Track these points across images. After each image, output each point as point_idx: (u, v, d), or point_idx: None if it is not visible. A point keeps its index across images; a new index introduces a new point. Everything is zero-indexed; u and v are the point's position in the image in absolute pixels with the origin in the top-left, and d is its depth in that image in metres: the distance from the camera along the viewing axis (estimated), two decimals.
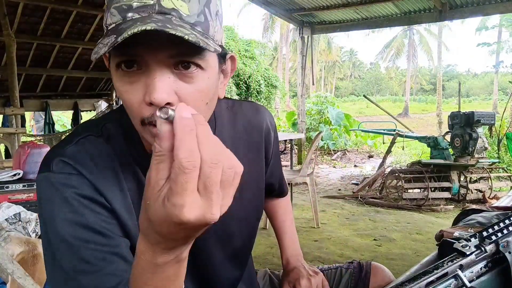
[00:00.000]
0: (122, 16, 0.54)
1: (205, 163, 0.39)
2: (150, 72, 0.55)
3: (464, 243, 0.54)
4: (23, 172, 2.55)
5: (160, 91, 0.53)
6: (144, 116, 0.56)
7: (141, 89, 0.56)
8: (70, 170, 0.61)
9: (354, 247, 3.19)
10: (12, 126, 5.26)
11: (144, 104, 0.56)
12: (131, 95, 0.56)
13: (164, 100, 0.53)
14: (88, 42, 6.71)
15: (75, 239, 0.58)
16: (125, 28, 0.51)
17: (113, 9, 0.55)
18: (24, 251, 1.60)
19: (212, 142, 0.40)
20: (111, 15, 0.55)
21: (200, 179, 0.39)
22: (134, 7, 0.54)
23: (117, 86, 0.58)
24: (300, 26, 7.57)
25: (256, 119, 0.85)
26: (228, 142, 0.78)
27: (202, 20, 0.57)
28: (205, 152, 0.39)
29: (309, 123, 10.21)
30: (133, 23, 0.51)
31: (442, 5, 5.97)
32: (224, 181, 0.40)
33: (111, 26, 0.55)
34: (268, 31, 33.73)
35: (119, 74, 0.57)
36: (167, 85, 0.54)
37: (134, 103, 0.57)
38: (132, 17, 0.54)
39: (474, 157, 4.80)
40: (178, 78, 0.56)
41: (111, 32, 0.53)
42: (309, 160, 3.75)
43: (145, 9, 0.54)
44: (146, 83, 0.55)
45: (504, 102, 18.83)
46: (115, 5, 0.55)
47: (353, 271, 0.99)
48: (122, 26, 0.52)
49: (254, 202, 0.85)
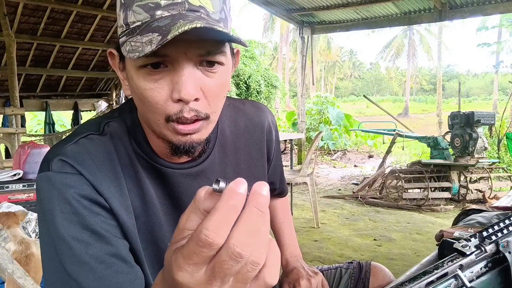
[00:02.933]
0: (150, 14, 0.54)
1: (226, 249, 0.30)
2: (178, 70, 0.55)
3: (464, 243, 0.54)
4: (23, 172, 2.55)
5: (189, 88, 0.55)
6: (170, 113, 0.57)
7: (167, 87, 0.57)
8: (70, 169, 0.60)
9: (354, 247, 3.19)
10: (12, 126, 5.26)
11: (170, 101, 0.57)
12: (156, 93, 0.57)
13: (193, 96, 0.56)
14: (88, 42, 6.72)
15: (73, 240, 0.57)
16: (166, 25, 0.51)
17: (137, 7, 0.55)
18: (17, 251, 1.60)
19: (252, 232, 0.30)
20: (134, 13, 0.55)
21: (212, 260, 0.31)
22: (163, 5, 0.54)
23: (139, 84, 0.58)
24: (300, 26, 7.57)
25: (258, 117, 0.85)
26: (229, 140, 0.78)
27: (224, 17, 0.59)
28: (235, 238, 0.30)
29: (309, 123, 10.21)
30: (174, 21, 0.51)
31: (442, 5, 5.97)
32: (239, 275, 0.31)
33: (135, 24, 0.55)
34: (268, 31, 33.72)
35: (142, 72, 0.57)
36: (194, 81, 0.56)
37: (160, 100, 0.57)
38: (162, 15, 0.54)
39: (474, 157, 4.80)
40: (202, 74, 0.58)
41: (143, 31, 0.53)
42: (309, 160, 3.75)
43: (174, 7, 0.54)
44: (173, 80, 0.56)
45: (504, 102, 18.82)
46: (138, 3, 0.55)
47: (353, 271, 0.99)
48: (158, 24, 0.52)
49: None
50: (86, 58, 7.17)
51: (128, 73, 0.60)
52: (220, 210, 0.31)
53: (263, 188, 0.31)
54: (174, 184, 0.70)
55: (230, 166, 0.78)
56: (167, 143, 0.63)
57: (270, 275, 0.31)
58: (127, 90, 0.64)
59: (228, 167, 0.78)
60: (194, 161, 0.71)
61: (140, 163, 0.67)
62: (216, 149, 0.75)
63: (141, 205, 0.67)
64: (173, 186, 0.70)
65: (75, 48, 6.74)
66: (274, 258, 0.32)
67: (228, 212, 0.30)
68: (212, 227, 0.30)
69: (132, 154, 0.67)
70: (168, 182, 0.69)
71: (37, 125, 12.65)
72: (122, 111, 0.70)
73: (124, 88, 0.65)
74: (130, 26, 0.56)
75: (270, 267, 0.31)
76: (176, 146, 0.61)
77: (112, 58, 0.64)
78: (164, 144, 0.65)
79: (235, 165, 0.79)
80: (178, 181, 0.70)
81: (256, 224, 0.30)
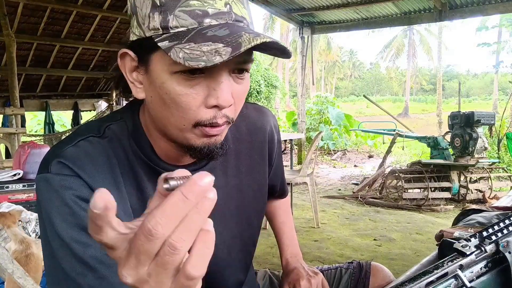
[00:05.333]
0: (198, 21, 0.55)
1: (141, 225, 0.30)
2: (216, 77, 0.57)
3: (464, 243, 0.54)
4: (23, 172, 2.55)
5: (226, 95, 0.57)
6: (202, 119, 0.58)
7: (203, 92, 0.57)
8: (68, 172, 0.60)
9: (354, 247, 3.19)
10: (12, 126, 5.26)
11: (203, 107, 0.58)
12: (191, 98, 0.57)
13: (230, 103, 0.58)
14: (88, 42, 6.72)
15: (73, 241, 0.57)
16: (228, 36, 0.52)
17: (180, 12, 0.55)
18: (17, 251, 1.60)
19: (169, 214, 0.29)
20: (176, 18, 0.55)
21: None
22: (211, 14, 0.55)
23: (172, 89, 0.57)
24: (300, 26, 7.57)
25: (260, 121, 0.85)
26: (231, 144, 0.78)
27: (254, 27, 0.61)
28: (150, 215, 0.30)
29: (309, 123, 10.21)
30: (234, 32, 0.53)
31: (442, 5, 5.97)
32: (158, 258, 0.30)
33: (179, 30, 0.55)
34: (268, 31, 33.70)
35: (177, 77, 0.56)
36: (230, 88, 0.58)
37: (193, 106, 0.57)
38: (210, 23, 0.55)
39: (474, 157, 4.80)
40: (233, 81, 0.60)
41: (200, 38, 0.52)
42: (309, 160, 3.75)
43: (222, 16, 0.56)
44: (209, 86, 0.57)
45: (504, 102, 18.83)
46: (183, 8, 0.55)
47: (353, 271, 0.99)
48: (215, 33, 0.53)
49: (256, 204, 0.84)
50: (86, 58, 7.17)
51: (156, 77, 0.58)
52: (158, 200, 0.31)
53: (201, 177, 0.30)
54: None
55: (231, 170, 0.78)
56: (182, 147, 0.63)
57: (192, 265, 0.30)
58: (140, 93, 0.62)
59: (229, 171, 0.78)
60: (195, 164, 0.71)
61: (141, 166, 0.67)
62: None
63: (141, 208, 0.66)
64: None
65: (75, 48, 6.75)
66: (203, 250, 0.31)
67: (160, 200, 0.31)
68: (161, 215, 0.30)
69: (132, 157, 0.67)
70: None
71: (37, 125, 12.64)
72: (124, 114, 0.69)
73: (135, 91, 0.63)
74: (171, 31, 0.55)
75: (195, 257, 0.31)
76: (198, 149, 0.62)
77: (123, 59, 0.62)
78: (175, 149, 0.65)
79: (236, 169, 0.79)
80: None
81: (175, 206, 0.29)
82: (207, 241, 0.31)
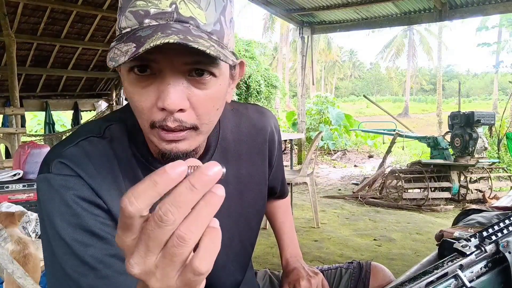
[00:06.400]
0: (139, 21, 0.54)
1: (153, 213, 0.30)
2: (164, 78, 0.54)
3: (464, 243, 0.54)
4: (23, 172, 2.55)
5: (173, 98, 0.54)
6: (155, 120, 0.56)
7: (153, 94, 0.56)
8: (69, 172, 0.60)
9: (354, 247, 3.19)
10: (12, 126, 5.26)
11: (155, 108, 0.56)
12: (142, 99, 0.56)
13: (177, 106, 0.54)
14: (88, 42, 6.72)
15: (73, 241, 0.58)
16: (144, 37, 0.50)
17: (129, 13, 0.54)
18: (15, 251, 1.60)
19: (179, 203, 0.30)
20: (126, 19, 0.55)
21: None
22: (152, 14, 0.53)
23: (128, 89, 0.58)
24: (300, 26, 7.57)
25: (261, 122, 0.84)
26: (231, 146, 0.78)
27: (218, 29, 0.57)
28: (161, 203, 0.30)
29: (309, 123, 10.21)
30: (153, 32, 0.50)
31: (442, 5, 5.97)
32: (166, 249, 0.31)
33: (126, 30, 0.55)
34: (268, 31, 33.70)
35: (131, 77, 0.56)
36: (180, 91, 0.55)
37: (145, 107, 0.56)
38: (150, 23, 0.53)
39: (474, 157, 4.80)
40: (191, 84, 0.56)
41: (127, 39, 0.52)
42: (309, 160, 3.75)
43: (162, 16, 0.53)
44: (159, 88, 0.55)
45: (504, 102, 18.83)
46: (130, 9, 0.54)
47: (353, 271, 0.99)
48: (140, 34, 0.51)
49: (255, 206, 0.84)
50: (86, 58, 7.17)
51: (122, 78, 0.60)
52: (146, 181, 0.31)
53: (209, 167, 0.31)
54: None
55: (231, 171, 0.78)
56: (155, 148, 0.63)
57: (200, 260, 0.31)
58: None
59: (229, 172, 0.77)
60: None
61: (140, 166, 0.67)
62: (217, 154, 0.75)
63: None
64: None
65: (75, 48, 6.74)
66: (210, 245, 0.31)
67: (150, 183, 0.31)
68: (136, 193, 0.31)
69: (131, 157, 0.67)
70: None
71: (37, 125, 12.65)
72: (123, 114, 0.70)
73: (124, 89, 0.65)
74: (122, 32, 0.56)
75: (203, 252, 0.31)
76: (163, 153, 0.60)
77: None
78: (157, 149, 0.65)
79: (236, 170, 0.79)
80: None
81: (183, 195, 0.30)
82: (214, 238, 0.32)
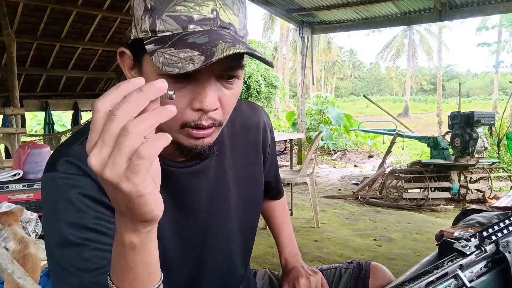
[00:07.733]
0: (182, 26, 0.55)
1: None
2: (202, 82, 0.57)
3: (464, 243, 0.54)
4: (23, 172, 2.54)
5: (211, 99, 0.58)
6: (188, 120, 0.59)
7: (188, 95, 0.58)
8: (75, 170, 0.61)
9: (354, 247, 3.19)
10: (12, 126, 5.26)
11: (189, 109, 0.59)
12: (177, 100, 0.58)
13: (213, 107, 0.59)
14: (88, 42, 6.71)
15: (77, 239, 0.58)
16: (205, 44, 0.52)
17: (167, 17, 0.55)
18: (15, 250, 1.59)
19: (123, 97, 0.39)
20: (163, 22, 0.55)
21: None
22: (195, 20, 0.55)
23: None
24: (300, 26, 7.57)
25: (254, 117, 0.87)
26: (227, 139, 0.80)
27: (246, 33, 0.61)
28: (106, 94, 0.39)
29: (309, 123, 10.20)
30: (212, 41, 0.53)
31: (442, 5, 5.97)
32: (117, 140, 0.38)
33: (165, 34, 0.56)
34: (268, 31, 33.69)
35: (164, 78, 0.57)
36: (215, 93, 0.59)
37: (179, 107, 0.58)
38: (195, 29, 0.55)
39: (474, 157, 4.80)
40: (221, 85, 0.61)
41: (180, 45, 0.53)
42: (309, 160, 3.75)
43: (207, 23, 0.56)
44: (195, 90, 0.58)
45: (504, 102, 18.83)
46: (170, 13, 0.55)
47: (352, 271, 0.99)
48: (194, 40, 0.53)
49: (253, 198, 0.86)
50: (86, 58, 7.17)
51: (147, 78, 0.59)
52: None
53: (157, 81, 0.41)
54: (175, 182, 0.71)
55: (228, 164, 0.79)
56: (176, 146, 0.64)
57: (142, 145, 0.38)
58: None
59: (226, 165, 0.79)
60: (194, 159, 0.72)
61: None
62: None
63: None
64: (174, 184, 0.71)
65: (75, 48, 6.74)
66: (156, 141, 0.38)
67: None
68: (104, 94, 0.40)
69: None
70: (169, 180, 0.70)
71: (37, 125, 12.64)
72: None
73: None
74: (158, 35, 0.56)
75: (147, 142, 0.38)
76: (188, 149, 0.63)
77: (122, 57, 0.64)
78: (172, 146, 0.65)
79: (233, 163, 0.81)
80: (179, 179, 0.72)
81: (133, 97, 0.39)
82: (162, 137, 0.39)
